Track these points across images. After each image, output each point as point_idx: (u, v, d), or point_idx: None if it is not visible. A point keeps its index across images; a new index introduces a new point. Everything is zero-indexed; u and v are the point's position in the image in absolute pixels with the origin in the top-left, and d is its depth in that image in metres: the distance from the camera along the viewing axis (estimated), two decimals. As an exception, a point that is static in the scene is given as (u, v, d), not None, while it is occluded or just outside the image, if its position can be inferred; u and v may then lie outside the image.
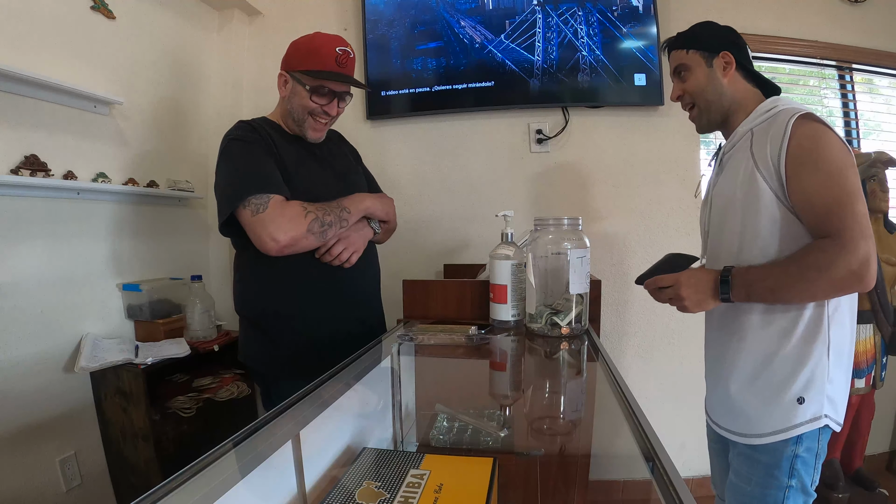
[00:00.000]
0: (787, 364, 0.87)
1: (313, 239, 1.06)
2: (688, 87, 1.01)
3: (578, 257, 1.09)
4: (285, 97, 1.19)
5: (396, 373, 1.05)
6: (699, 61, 0.99)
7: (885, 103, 2.09)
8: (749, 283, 0.84)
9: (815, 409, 0.85)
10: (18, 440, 1.31)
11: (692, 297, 0.89)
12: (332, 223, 1.08)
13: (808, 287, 0.80)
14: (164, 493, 0.44)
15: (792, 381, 0.86)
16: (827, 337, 0.86)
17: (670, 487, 0.46)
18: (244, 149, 1.09)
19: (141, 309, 1.64)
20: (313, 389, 0.75)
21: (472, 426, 0.75)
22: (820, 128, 0.82)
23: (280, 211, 1.02)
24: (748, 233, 0.89)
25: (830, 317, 0.86)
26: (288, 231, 1.02)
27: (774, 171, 0.84)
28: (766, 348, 0.89)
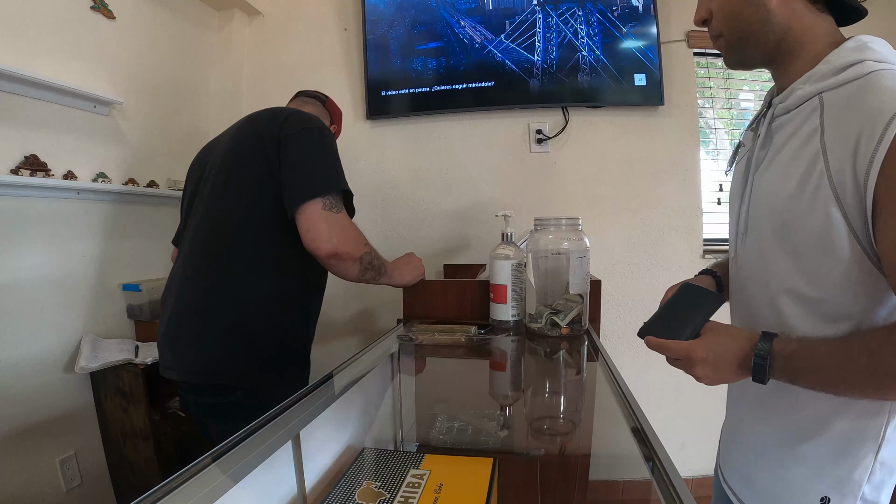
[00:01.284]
0: (821, 451, 0.64)
1: (356, 269, 1.02)
2: (717, 9, 0.68)
3: (578, 257, 1.09)
4: None
5: (396, 373, 1.05)
6: None
7: (885, 103, 2.08)
8: (795, 370, 0.57)
9: None
10: (18, 440, 1.31)
11: (711, 376, 0.62)
12: (376, 268, 1.07)
13: (881, 395, 0.55)
14: (164, 493, 0.44)
15: (822, 474, 0.64)
16: (883, 431, 0.61)
17: (670, 487, 0.46)
18: (333, 142, 1.07)
19: (141, 309, 1.64)
20: (313, 389, 0.75)
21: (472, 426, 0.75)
22: None
23: (349, 223, 1.00)
24: (800, 271, 0.61)
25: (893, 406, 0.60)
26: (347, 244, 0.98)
27: (857, 193, 0.53)
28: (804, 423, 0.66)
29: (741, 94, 2.04)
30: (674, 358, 0.67)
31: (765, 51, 0.67)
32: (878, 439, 0.61)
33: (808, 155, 0.59)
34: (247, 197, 1.01)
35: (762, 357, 0.57)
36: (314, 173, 0.98)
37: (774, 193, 0.64)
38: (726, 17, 0.67)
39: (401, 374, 1.05)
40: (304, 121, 1.05)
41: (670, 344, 0.66)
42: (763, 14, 0.63)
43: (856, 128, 0.53)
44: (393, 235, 2.02)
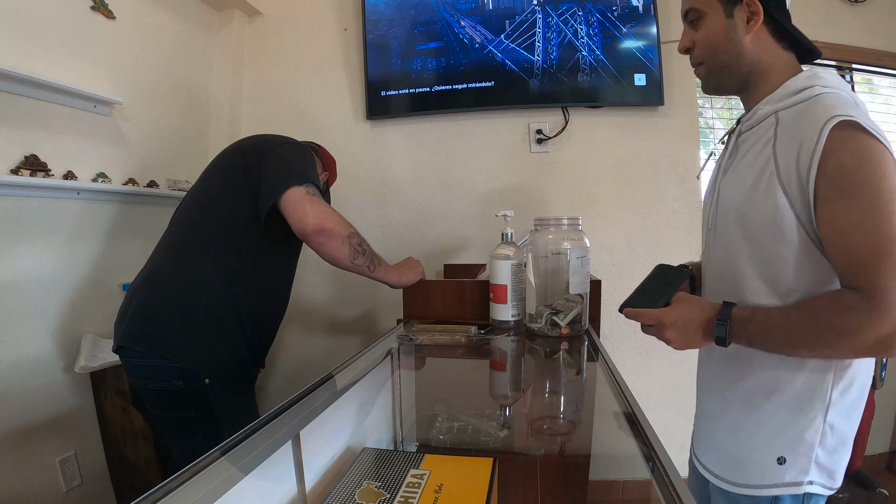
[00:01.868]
0: (774, 413, 0.73)
1: (346, 250, 1.09)
2: (699, 40, 0.79)
3: (578, 257, 1.09)
4: None
5: (396, 373, 1.05)
6: (716, 8, 0.76)
7: (885, 103, 2.09)
8: (751, 333, 0.68)
9: (795, 474, 0.71)
10: (18, 440, 1.31)
11: (679, 339, 0.73)
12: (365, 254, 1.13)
13: (824, 350, 0.65)
14: (164, 493, 0.44)
15: (776, 436, 0.73)
16: (829, 394, 0.70)
17: (670, 487, 0.46)
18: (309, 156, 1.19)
19: (141, 309, 1.63)
20: (313, 389, 0.75)
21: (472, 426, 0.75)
22: (869, 142, 0.62)
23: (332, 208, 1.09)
24: (757, 255, 0.73)
25: (841, 369, 0.70)
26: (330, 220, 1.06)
27: (800, 187, 0.65)
28: (756, 385, 0.75)
29: (741, 94, 2.04)
30: (647, 325, 0.77)
31: (737, 79, 0.79)
32: (825, 401, 0.70)
33: (762, 159, 0.71)
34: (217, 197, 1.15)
35: (723, 321, 0.68)
36: (293, 169, 1.10)
37: (736, 193, 0.76)
38: (707, 48, 0.79)
39: (401, 375, 1.05)
40: (287, 140, 1.19)
41: (644, 312, 0.77)
42: (738, 48, 0.76)
43: (799, 135, 0.65)
44: (393, 235, 2.02)
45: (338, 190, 2.09)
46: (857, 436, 0.75)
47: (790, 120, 0.69)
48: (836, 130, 0.62)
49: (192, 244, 1.13)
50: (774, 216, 0.68)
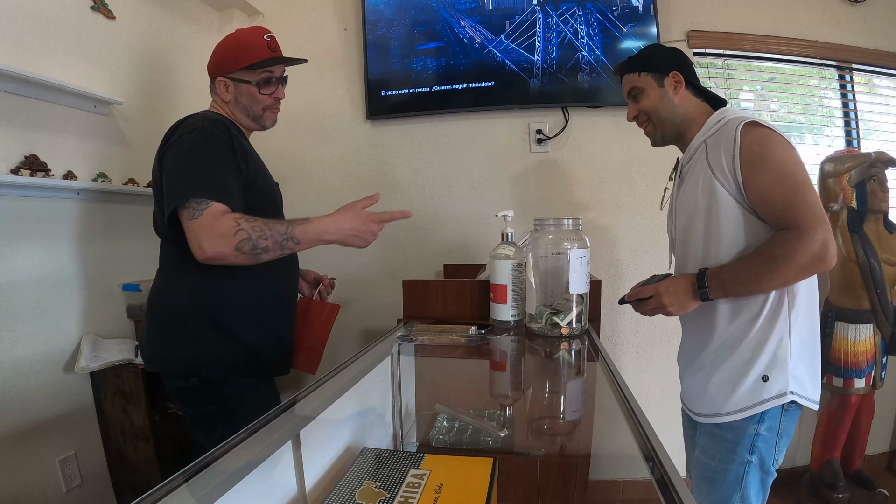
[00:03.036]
0: (751, 346, 0.94)
1: (244, 258, 0.99)
2: (643, 107, 1.08)
3: (578, 257, 1.09)
4: (230, 101, 1.17)
5: (396, 373, 1.05)
6: (651, 83, 1.06)
7: (885, 103, 2.08)
8: (723, 281, 0.91)
9: (779, 387, 0.91)
10: (18, 440, 1.31)
11: (674, 302, 0.96)
12: (269, 248, 0.99)
13: (777, 276, 0.86)
14: (164, 493, 0.44)
15: (756, 361, 0.93)
16: (788, 319, 0.92)
17: (670, 487, 0.46)
18: (207, 145, 1.03)
19: (141, 309, 1.63)
20: (313, 389, 0.75)
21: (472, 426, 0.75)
22: (765, 132, 0.89)
23: (211, 223, 0.96)
24: (712, 237, 0.96)
25: (791, 301, 0.93)
26: (215, 245, 0.96)
27: (731, 176, 0.91)
28: (733, 334, 0.96)
29: (741, 94, 2.04)
30: (647, 297, 0.99)
31: (675, 130, 1.08)
32: (786, 325, 0.93)
33: (702, 171, 0.98)
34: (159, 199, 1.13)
35: (701, 278, 0.93)
36: (172, 185, 1.01)
37: (688, 203, 1.02)
38: (650, 112, 1.08)
39: (401, 375, 1.05)
40: (177, 130, 1.07)
41: (644, 288, 1.00)
42: (672, 107, 1.06)
43: (722, 143, 0.94)
44: (392, 235, 2.02)
45: (338, 190, 2.09)
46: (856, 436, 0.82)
47: (714, 140, 0.97)
48: (743, 129, 0.90)
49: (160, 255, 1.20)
50: (718, 203, 0.94)
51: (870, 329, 1.78)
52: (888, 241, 1.80)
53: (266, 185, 1.16)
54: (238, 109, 1.18)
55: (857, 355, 1.77)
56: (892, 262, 1.79)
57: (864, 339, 1.77)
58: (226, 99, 1.17)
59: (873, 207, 1.77)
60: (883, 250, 1.78)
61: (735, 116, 0.95)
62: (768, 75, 2.04)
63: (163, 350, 1.10)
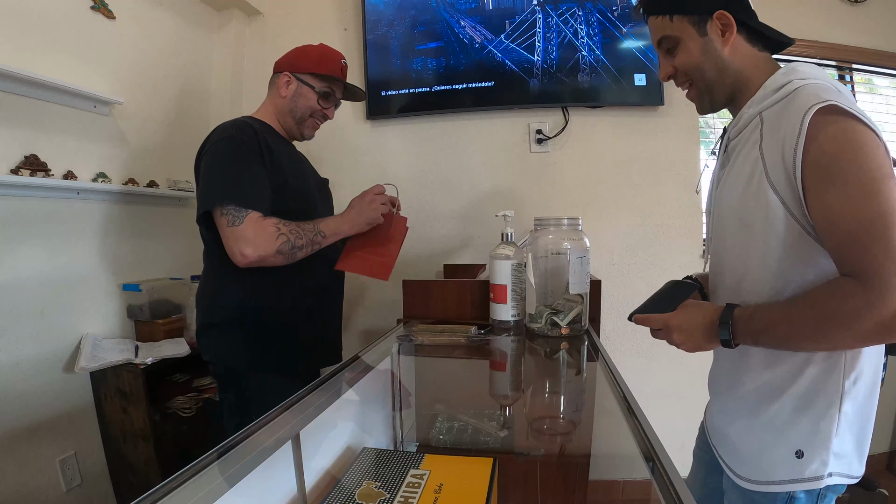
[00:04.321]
0: (787, 409, 0.72)
1: (282, 259, 1.07)
2: (680, 65, 0.79)
3: (578, 257, 1.09)
4: (287, 97, 1.22)
5: (396, 373, 1.05)
6: (689, 30, 0.76)
7: (885, 103, 2.09)
8: (755, 330, 0.67)
9: (815, 468, 0.70)
10: (18, 440, 1.31)
11: (686, 341, 0.73)
12: (304, 246, 1.09)
13: (825, 341, 0.63)
14: (164, 493, 0.44)
15: (791, 430, 0.72)
16: (841, 382, 0.69)
17: (670, 487, 0.46)
18: (237, 152, 1.09)
19: (141, 309, 1.63)
20: (313, 389, 0.75)
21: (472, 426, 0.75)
22: (849, 125, 0.61)
23: (253, 228, 1.03)
24: (753, 254, 0.73)
25: (851, 357, 0.69)
26: (258, 249, 1.03)
27: (788, 180, 0.65)
28: (767, 385, 0.74)
29: (741, 94, 2.04)
30: (656, 329, 0.77)
31: (726, 93, 0.79)
32: (838, 390, 0.69)
33: (751, 162, 0.72)
34: None
35: (725, 322, 0.68)
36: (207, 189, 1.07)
37: (731, 199, 0.77)
38: (690, 70, 0.79)
39: (401, 375, 1.05)
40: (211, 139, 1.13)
41: (652, 316, 0.78)
42: (720, 62, 0.76)
43: (782, 131, 0.66)
44: (393, 235, 2.02)
45: (338, 190, 2.09)
46: None
47: (773, 118, 0.70)
48: (815, 118, 0.62)
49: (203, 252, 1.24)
50: (768, 215, 0.69)
51: (870, 329, 1.77)
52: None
53: (299, 186, 1.20)
54: (287, 109, 1.23)
55: (857, 355, 1.76)
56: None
57: (864, 340, 1.77)
58: (283, 94, 1.22)
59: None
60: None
61: (809, 85, 0.67)
62: (768, 75, 2.04)
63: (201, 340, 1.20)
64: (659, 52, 0.82)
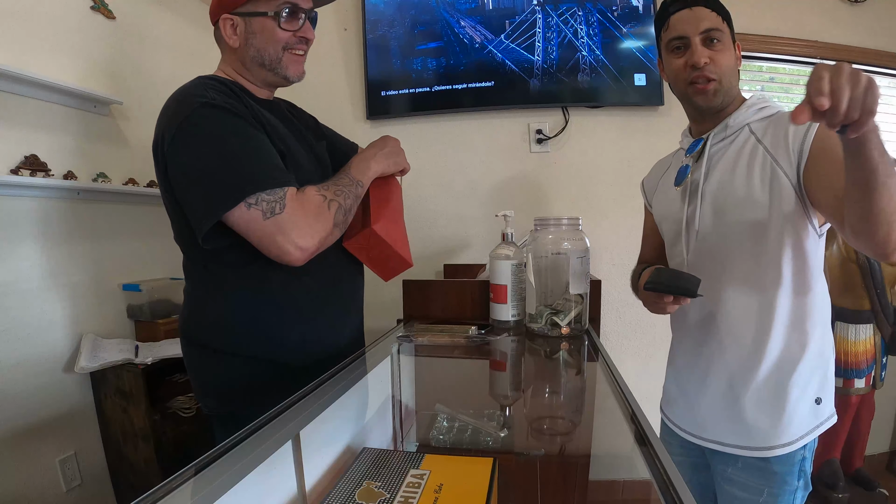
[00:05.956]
0: (807, 366, 0.85)
1: (338, 232, 0.85)
2: (719, 60, 0.87)
3: (578, 257, 1.09)
4: (240, 45, 0.89)
5: (396, 373, 1.05)
6: (728, 38, 0.88)
7: (885, 103, 2.09)
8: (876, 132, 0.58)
9: (829, 408, 0.87)
10: (18, 440, 1.31)
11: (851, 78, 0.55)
12: (352, 207, 0.88)
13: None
14: (164, 493, 0.44)
15: (811, 382, 0.86)
16: (827, 330, 0.88)
17: (670, 487, 0.46)
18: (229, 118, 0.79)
19: (141, 309, 1.64)
20: (313, 389, 0.75)
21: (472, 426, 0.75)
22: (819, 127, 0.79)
23: (302, 208, 0.79)
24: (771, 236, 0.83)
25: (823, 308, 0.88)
26: (317, 232, 0.80)
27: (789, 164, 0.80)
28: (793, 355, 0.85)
29: (741, 94, 2.04)
30: None
31: (727, 103, 0.91)
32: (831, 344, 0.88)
33: (758, 158, 0.85)
34: None
35: None
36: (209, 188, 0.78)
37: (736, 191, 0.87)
38: (723, 69, 0.88)
39: (401, 375, 1.05)
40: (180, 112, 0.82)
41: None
42: (736, 78, 0.91)
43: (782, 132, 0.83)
44: (393, 235, 2.02)
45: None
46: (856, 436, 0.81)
47: (767, 128, 0.86)
48: None
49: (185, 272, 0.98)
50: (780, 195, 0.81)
51: (870, 329, 1.78)
52: (888, 241, 1.80)
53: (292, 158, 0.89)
54: (250, 59, 0.90)
55: (857, 355, 1.77)
56: (892, 262, 1.79)
57: (864, 340, 1.77)
58: (233, 44, 0.89)
59: (873, 207, 1.77)
60: (883, 250, 1.77)
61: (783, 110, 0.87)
62: (768, 75, 2.04)
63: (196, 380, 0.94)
64: (696, 38, 0.87)
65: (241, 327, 0.88)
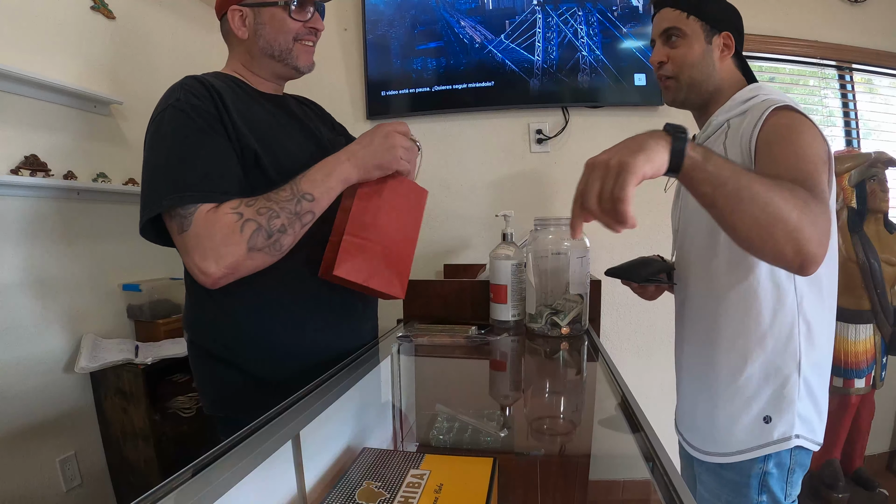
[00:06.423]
0: (754, 379, 0.80)
1: (263, 256, 0.74)
2: (676, 56, 0.86)
3: (578, 257, 1.09)
4: (249, 36, 0.89)
5: (396, 373, 1.05)
6: (698, 32, 0.84)
7: (885, 103, 2.09)
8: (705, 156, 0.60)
9: (783, 430, 0.78)
10: (18, 440, 1.31)
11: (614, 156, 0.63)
12: (286, 227, 0.75)
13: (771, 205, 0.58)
14: (164, 493, 0.44)
15: (757, 397, 0.80)
16: (799, 349, 0.78)
17: (670, 487, 0.46)
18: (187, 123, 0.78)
19: (141, 309, 1.64)
20: (313, 389, 0.75)
21: (472, 426, 0.75)
22: (799, 117, 0.73)
23: (206, 229, 0.71)
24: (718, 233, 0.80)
25: (806, 326, 0.79)
26: (222, 257, 0.71)
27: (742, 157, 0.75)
28: (734, 364, 0.82)
29: (741, 94, 2.04)
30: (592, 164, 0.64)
31: (703, 97, 0.88)
32: (796, 357, 0.78)
33: None
34: None
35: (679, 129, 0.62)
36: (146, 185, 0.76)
37: None
38: (683, 65, 0.86)
39: (401, 374, 1.05)
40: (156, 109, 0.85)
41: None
42: (710, 70, 0.86)
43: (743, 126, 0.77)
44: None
45: (338, 190, 2.09)
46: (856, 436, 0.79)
47: (738, 121, 0.80)
48: (773, 111, 0.73)
49: None
50: None
51: (870, 329, 1.78)
52: (888, 241, 1.80)
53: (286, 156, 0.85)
54: (259, 49, 0.89)
55: (857, 355, 1.77)
56: (892, 262, 1.79)
57: (864, 340, 1.77)
58: (242, 35, 0.88)
59: (873, 207, 1.77)
60: (883, 250, 1.78)
61: (768, 97, 0.77)
62: (768, 75, 2.04)
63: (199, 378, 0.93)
64: (658, 40, 0.90)
65: (237, 331, 0.86)
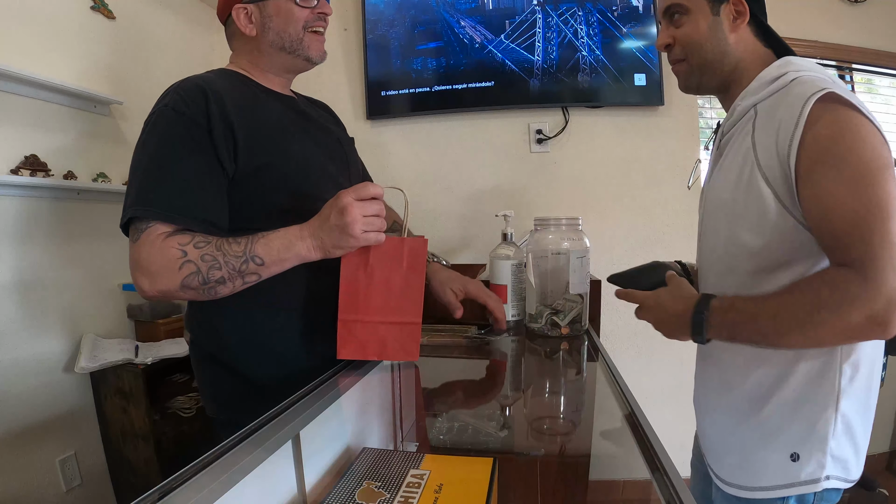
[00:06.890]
0: (779, 411, 0.69)
1: (193, 295, 0.75)
2: (681, 37, 0.76)
3: (578, 257, 1.09)
4: (257, 32, 0.88)
5: (396, 373, 1.05)
6: (703, 5, 0.74)
7: (885, 103, 2.09)
8: (733, 322, 0.63)
9: (812, 470, 0.67)
10: (18, 440, 1.31)
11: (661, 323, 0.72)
12: (226, 280, 0.74)
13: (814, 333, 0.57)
14: (164, 492, 0.44)
15: (783, 432, 0.69)
16: (837, 383, 0.66)
17: (670, 487, 0.46)
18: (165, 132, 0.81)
19: (141, 309, 1.64)
20: (313, 389, 0.75)
21: (472, 426, 0.75)
22: (847, 114, 0.59)
23: (149, 251, 0.73)
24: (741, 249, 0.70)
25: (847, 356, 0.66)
26: (155, 283, 0.73)
27: (781, 169, 0.63)
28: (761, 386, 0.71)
29: (741, 94, 2.04)
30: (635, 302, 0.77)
31: (719, 78, 0.77)
32: (834, 389, 0.66)
33: (742, 152, 0.70)
34: None
35: (700, 313, 0.64)
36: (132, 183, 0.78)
37: (721, 192, 0.74)
38: (690, 45, 0.76)
39: (401, 374, 1.05)
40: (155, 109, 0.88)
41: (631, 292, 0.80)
42: (723, 46, 0.74)
43: (777, 120, 0.64)
44: (393, 235, 2.02)
45: (338, 190, 2.09)
46: None
47: (768, 108, 0.68)
48: (816, 106, 0.60)
49: None
50: (760, 208, 0.66)
51: (870, 329, 1.78)
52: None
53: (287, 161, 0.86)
54: (269, 44, 0.89)
55: (857, 355, 1.77)
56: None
57: (864, 339, 1.77)
58: (250, 33, 0.88)
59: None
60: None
61: (805, 77, 0.64)
62: (768, 75, 2.04)
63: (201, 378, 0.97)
64: (662, 20, 0.80)
65: (238, 334, 0.86)
